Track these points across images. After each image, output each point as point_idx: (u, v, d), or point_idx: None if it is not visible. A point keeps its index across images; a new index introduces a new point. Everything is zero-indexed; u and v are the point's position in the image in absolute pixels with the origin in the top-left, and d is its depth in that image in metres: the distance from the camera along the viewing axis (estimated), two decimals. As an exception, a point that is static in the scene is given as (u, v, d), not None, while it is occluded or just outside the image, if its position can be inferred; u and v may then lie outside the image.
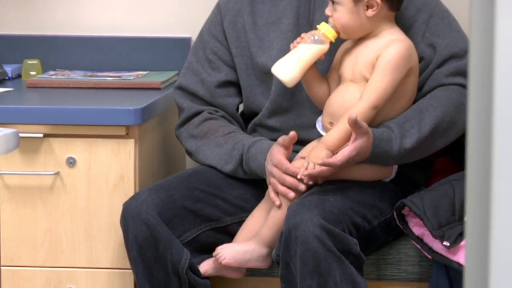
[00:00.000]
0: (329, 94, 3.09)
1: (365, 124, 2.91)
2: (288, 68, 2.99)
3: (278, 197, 3.01)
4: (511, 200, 1.38)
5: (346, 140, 2.94)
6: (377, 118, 3.00)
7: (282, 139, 3.01)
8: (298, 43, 3.01)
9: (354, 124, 2.87)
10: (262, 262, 3.06)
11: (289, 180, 2.99)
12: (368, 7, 3.00)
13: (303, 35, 3.01)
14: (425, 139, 3.03)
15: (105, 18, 3.72)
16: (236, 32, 3.26)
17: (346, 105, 2.97)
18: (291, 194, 2.98)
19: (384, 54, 3.00)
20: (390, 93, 2.98)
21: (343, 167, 2.95)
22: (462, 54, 3.10)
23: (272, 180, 3.01)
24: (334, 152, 2.94)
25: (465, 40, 3.13)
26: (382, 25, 3.05)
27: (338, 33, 3.00)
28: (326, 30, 2.99)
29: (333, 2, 3.00)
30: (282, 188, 3.00)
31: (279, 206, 3.00)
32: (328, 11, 3.01)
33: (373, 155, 2.97)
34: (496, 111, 1.35)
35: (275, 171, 3.00)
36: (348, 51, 3.08)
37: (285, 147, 3.01)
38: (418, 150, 3.04)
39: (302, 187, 2.98)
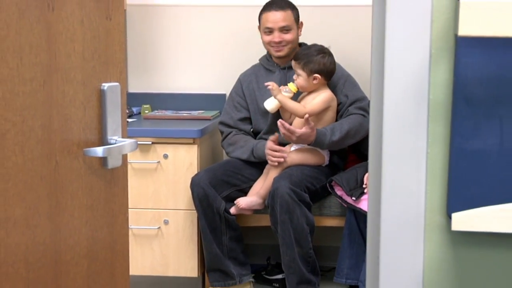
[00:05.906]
0: (291, 118, 3.09)
1: (312, 123, 2.92)
2: (271, 104, 3.03)
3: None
4: (392, 177, 1.38)
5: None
6: (317, 128, 2.99)
7: (273, 136, 3.04)
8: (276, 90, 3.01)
9: (307, 120, 2.90)
10: (259, 206, 3.05)
11: (275, 155, 3.00)
12: (314, 78, 3.01)
13: (281, 87, 3.03)
14: (344, 137, 3.01)
15: (182, 83, 3.68)
16: (249, 92, 3.25)
17: (300, 120, 2.99)
18: (279, 162, 3.00)
19: (318, 97, 3.01)
20: (317, 112, 3.00)
21: (297, 138, 2.92)
22: (361, 99, 3.10)
23: (267, 156, 3.02)
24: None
25: (362, 92, 3.13)
26: (320, 86, 3.05)
27: (298, 88, 3.01)
28: (291, 86, 3.00)
29: (297, 74, 3.00)
30: (273, 159, 3.01)
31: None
32: (294, 77, 3.01)
33: (316, 142, 2.97)
34: (385, 128, 1.35)
35: (268, 152, 3.02)
36: (303, 97, 3.07)
37: (273, 141, 3.03)
38: (339, 143, 3.02)
39: (283, 158, 2.99)
